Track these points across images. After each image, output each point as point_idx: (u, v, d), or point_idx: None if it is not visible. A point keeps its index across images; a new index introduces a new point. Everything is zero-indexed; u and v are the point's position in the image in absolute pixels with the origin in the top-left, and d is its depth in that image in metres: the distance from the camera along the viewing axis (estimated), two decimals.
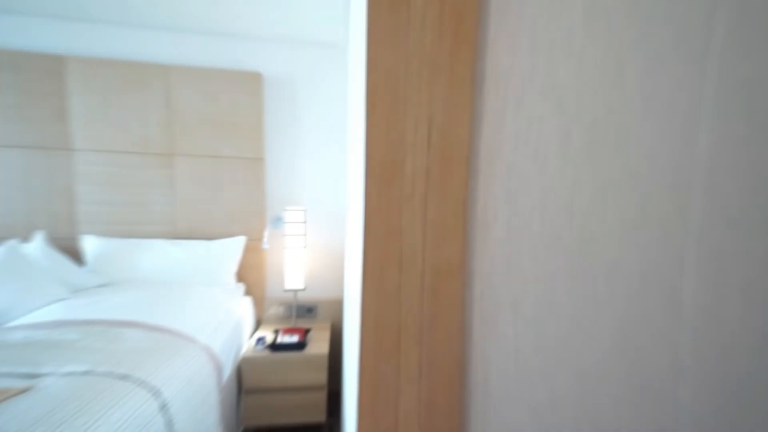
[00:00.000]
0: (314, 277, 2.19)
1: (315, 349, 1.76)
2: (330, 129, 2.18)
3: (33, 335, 1.27)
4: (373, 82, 0.30)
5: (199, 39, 2.01)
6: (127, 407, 0.97)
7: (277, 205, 2.17)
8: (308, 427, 1.91)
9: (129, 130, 1.91)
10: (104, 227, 1.91)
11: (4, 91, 1.79)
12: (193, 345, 1.37)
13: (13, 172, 1.83)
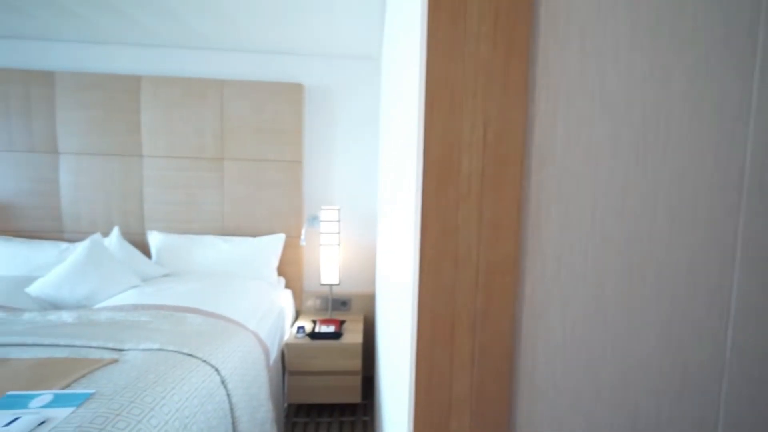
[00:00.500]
0: (348, 273, 2.34)
1: (350, 339, 1.91)
2: (362, 134, 2.31)
3: (115, 316, 1.50)
4: (431, 87, 0.31)
5: (249, 56, 2.21)
6: (195, 380, 1.15)
7: (314, 205, 2.34)
8: (344, 406, 2.08)
9: (187, 138, 2.14)
10: (166, 224, 2.16)
11: (91, 107, 2.08)
12: (244, 330, 1.55)
13: (96, 176, 2.12)
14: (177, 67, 2.19)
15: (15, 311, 1.54)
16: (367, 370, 2.33)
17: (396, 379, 0.59)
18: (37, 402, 0.94)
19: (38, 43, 2.13)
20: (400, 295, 0.53)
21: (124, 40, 2.12)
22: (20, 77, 2.06)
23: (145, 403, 0.98)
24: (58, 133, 2.09)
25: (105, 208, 2.13)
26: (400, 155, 0.59)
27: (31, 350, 1.21)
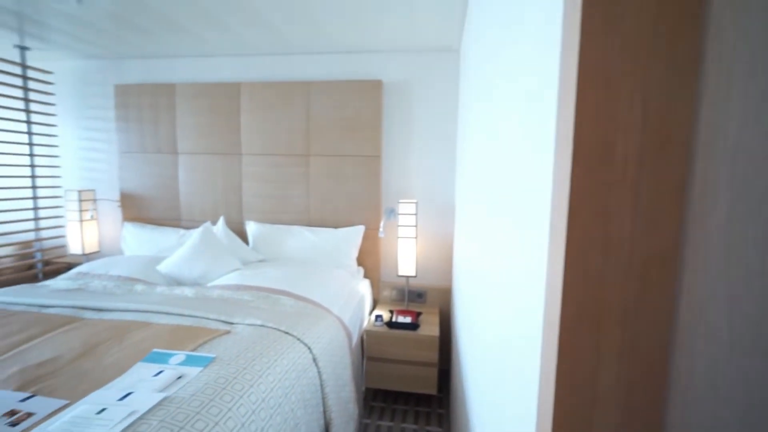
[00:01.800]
0: (424, 266, 2.36)
1: (427, 331, 1.93)
2: (440, 126, 2.30)
3: (224, 294, 1.73)
4: (584, 65, 0.29)
5: (332, 57, 2.35)
6: (292, 355, 1.28)
7: (391, 198, 2.39)
8: (420, 396, 2.12)
9: (278, 137, 2.35)
10: (261, 215, 2.41)
11: (200, 113, 2.40)
12: (329, 315, 1.67)
13: (204, 173, 2.44)
14: (270, 73, 2.41)
15: (150, 285, 1.86)
16: (443, 363, 2.34)
17: (508, 373, 0.59)
18: (174, 360, 1.14)
19: (163, 60, 2.51)
20: (520, 286, 0.52)
21: (227, 52, 2.39)
22: (150, 90, 2.45)
23: (254, 371, 1.12)
24: (177, 137, 2.45)
25: (212, 200, 2.45)
26: (514, 140, 0.58)
27: (165, 317, 1.46)
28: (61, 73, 2.61)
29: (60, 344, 1.23)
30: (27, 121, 2.35)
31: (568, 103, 0.31)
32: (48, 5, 1.78)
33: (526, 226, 0.48)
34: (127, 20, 1.93)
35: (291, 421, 1.12)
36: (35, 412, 0.91)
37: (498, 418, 0.66)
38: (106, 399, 0.95)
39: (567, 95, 0.32)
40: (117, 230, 2.63)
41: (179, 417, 0.88)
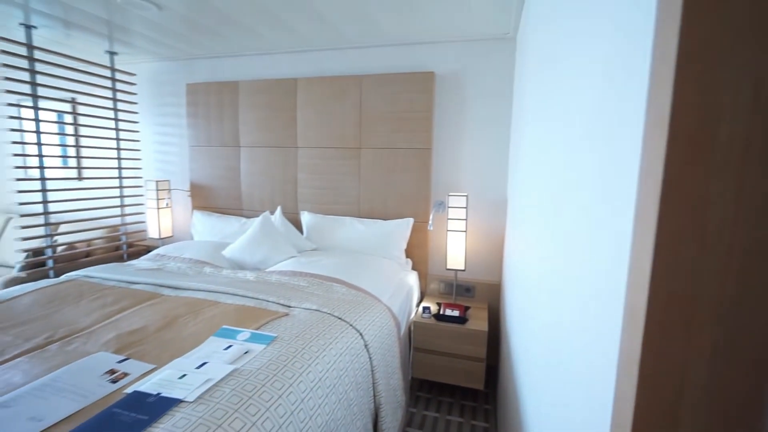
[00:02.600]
0: (473, 260, 2.33)
1: (475, 325, 1.91)
2: (492, 118, 2.23)
3: (281, 279, 1.84)
4: (686, 39, 0.27)
5: (384, 50, 2.36)
6: (345, 339, 1.34)
7: (441, 191, 2.38)
8: (466, 390, 2.11)
9: (331, 130, 2.43)
10: (314, 206, 2.51)
11: (260, 108, 2.54)
12: (379, 303, 1.71)
13: (263, 165, 2.60)
14: (324, 68, 2.49)
15: (217, 267, 2.03)
16: (491, 359, 2.30)
17: (575, 372, 0.57)
18: (241, 336, 1.24)
19: (228, 59, 2.68)
20: (592, 281, 0.51)
21: (285, 49, 2.50)
22: (217, 88, 2.64)
23: (312, 352, 1.19)
24: (240, 131, 2.62)
25: (270, 190, 2.60)
26: (588, 126, 0.55)
27: (231, 298, 1.59)
28: (142, 75, 2.90)
29: (146, 316, 1.40)
30: (115, 119, 2.65)
31: (664, 82, 0.29)
32: (133, 13, 1.97)
33: (602, 216, 0.47)
34: (199, 23, 2.09)
35: (345, 401, 1.17)
36: (130, 373, 1.05)
37: (560, 417, 0.65)
38: (185, 366, 1.06)
39: (663, 73, 0.30)
40: (187, 217, 2.89)
41: (248, 387, 0.97)
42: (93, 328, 1.32)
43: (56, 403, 0.91)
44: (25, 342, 1.22)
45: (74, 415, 0.88)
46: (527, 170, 1.24)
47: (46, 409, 0.89)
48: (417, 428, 1.82)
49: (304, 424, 0.98)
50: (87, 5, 1.89)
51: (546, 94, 0.95)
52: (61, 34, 2.31)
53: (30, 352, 1.16)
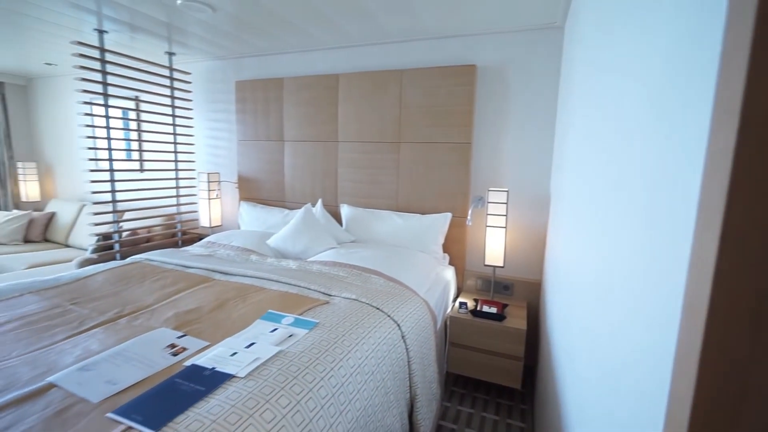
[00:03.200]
0: (512, 257, 2.28)
1: (514, 323, 1.88)
2: (536, 111, 2.15)
3: (322, 269, 1.90)
4: (761, 29, 0.26)
5: (424, 44, 2.35)
6: (383, 329, 1.37)
7: (480, 186, 2.34)
8: (501, 388, 2.08)
9: (371, 125, 2.46)
10: (353, 199, 2.57)
11: (302, 104, 2.63)
12: (416, 296, 1.73)
13: (305, 159, 2.69)
14: (366, 63, 2.52)
15: (262, 256, 2.14)
16: (529, 358, 2.25)
17: (623, 372, 0.56)
18: (285, 321, 1.31)
19: (274, 57, 2.79)
20: (643, 279, 0.49)
21: (328, 46, 2.56)
22: (263, 85, 2.76)
23: (351, 339, 1.23)
24: (284, 126, 2.73)
25: (311, 183, 2.69)
26: (643, 114, 0.53)
27: (275, 284, 1.68)
28: (196, 74, 3.09)
29: (200, 298, 1.52)
30: (172, 115, 2.85)
31: (737, 68, 0.28)
32: (190, 15, 2.11)
33: (659, 210, 0.45)
34: (248, 23, 2.20)
35: (382, 389, 1.21)
36: (187, 348, 1.14)
37: (606, 421, 0.63)
38: (236, 345, 1.14)
39: (735, 59, 0.28)
40: (235, 208, 3.06)
41: (292, 368, 1.03)
42: (155, 306, 1.46)
43: (127, 370, 1.02)
44: (99, 315, 1.37)
45: (142, 381, 0.98)
46: (575, 165, 1.20)
47: (119, 374, 1.00)
48: (451, 422, 1.82)
49: (343, 407, 1.02)
50: (150, 9, 2.04)
51: (598, 85, 0.91)
52: (127, 37, 2.51)
53: (104, 324, 1.30)
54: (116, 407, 0.87)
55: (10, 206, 3.95)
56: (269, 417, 0.86)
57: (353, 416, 1.04)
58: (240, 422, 0.82)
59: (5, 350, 1.12)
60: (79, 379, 0.97)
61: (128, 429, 0.80)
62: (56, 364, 1.04)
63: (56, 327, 1.27)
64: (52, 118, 4.00)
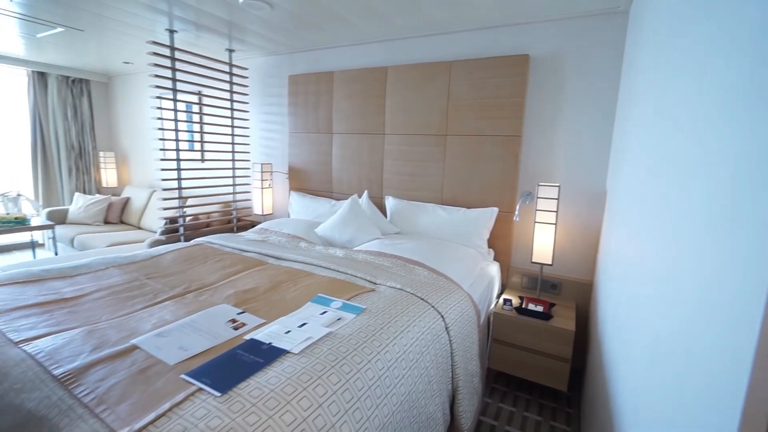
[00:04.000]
0: (562, 255, 2.19)
1: (561, 323, 1.81)
2: (594, 103, 2.03)
3: (367, 258, 1.96)
4: None
5: (474, 34, 2.30)
6: (427, 319, 1.39)
7: (529, 181, 2.26)
8: (545, 389, 2.03)
9: (418, 117, 2.46)
10: (398, 191, 2.60)
11: (351, 97, 2.69)
12: (460, 290, 1.72)
13: (353, 151, 2.75)
14: (414, 55, 2.51)
15: (311, 243, 2.24)
16: (576, 361, 2.16)
17: (692, 383, 0.54)
18: (334, 305, 1.37)
19: (325, 51, 2.87)
20: (721, 280, 0.47)
21: (377, 39, 2.59)
22: (314, 79, 2.85)
23: (397, 326, 1.27)
24: (333, 119, 2.80)
25: (357, 175, 2.75)
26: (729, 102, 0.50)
27: (324, 270, 1.75)
28: (252, 69, 3.26)
29: (256, 279, 1.63)
30: (231, 108, 3.04)
31: None
32: (249, 12, 2.23)
33: (743, 206, 0.42)
34: (303, 18, 2.28)
35: (425, 377, 1.23)
36: (246, 323, 1.24)
37: (666, 423, 0.61)
38: (290, 324, 1.22)
39: None
40: (285, 197, 3.22)
41: (341, 349, 1.08)
42: (217, 284, 1.59)
43: (196, 339, 1.13)
44: (170, 290, 1.52)
45: (208, 350, 1.08)
46: (639, 160, 1.13)
47: (189, 342, 1.11)
48: (491, 419, 1.81)
49: (389, 390, 1.06)
50: (214, 8, 2.18)
51: (669, 77, 0.85)
52: (193, 36, 2.70)
53: (174, 297, 1.45)
54: (188, 370, 0.97)
55: (93, 191, 4.45)
56: (321, 392, 0.91)
57: (398, 400, 1.07)
58: (295, 393, 0.89)
59: (96, 315, 1.28)
60: (157, 343, 1.09)
61: (199, 390, 0.89)
62: (137, 329, 1.18)
63: (135, 298, 1.43)
64: (128, 112, 4.42)
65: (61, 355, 1.02)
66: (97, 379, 0.93)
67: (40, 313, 1.27)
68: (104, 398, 0.87)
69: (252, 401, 0.85)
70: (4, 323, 1.18)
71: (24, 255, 3.97)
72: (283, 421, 0.81)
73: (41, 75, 4.00)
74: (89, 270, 1.70)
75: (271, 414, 0.82)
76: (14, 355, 1.03)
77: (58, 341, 1.09)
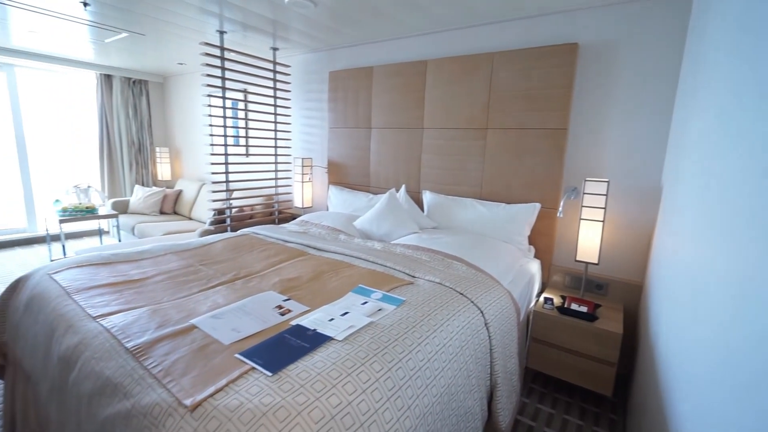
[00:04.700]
0: (609, 255, 2.08)
1: (608, 325, 1.74)
2: (649, 95, 1.90)
3: (405, 251, 1.98)
4: None
5: (518, 24, 2.23)
6: (466, 314, 1.39)
7: (575, 176, 2.17)
8: (586, 393, 1.96)
9: (458, 111, 2.43)
10: (436, 185, 2.58)
11: (390, 91, 2.70)
12: (499, 286, 1.70)
13: (391, 145, 2.77)
14: (455, 47, 2.48)
15: (349, 236, 2.29)
16: (623, 367, 2.06)
17: None
18: (375, 296, 1.41)
19: (365, 46, 2.90)
20: None
21: (417, 32, 2.58)
22: (354, 74, 2.89)
23: (437, 319, 1.28)
24: (372, 113, 2.83)
25: (395, 169, 2.77)
26: None
27: (363, 262, 1.79)
28: (294, 66, 3.36)
29: (299, 268, 1.70)
30: (274, 105, 3.16)
31: None
32: (293, 11, 2.30)
33: None
34: (344, 14, 2.31)
35: (465, 371, 1.24)
36: (292, 310, 1.31)
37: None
38: (332, 312, 1.27)
39: None
40: (323, 191, 3.31)
41: (383, 338, 1.11)
42: (263, 272, 1.68)
43: (247, 322, 1.20)
44: (221, 276, 1.62)
45: (258, 333, 1.15)
46: (704, 154, 1.05)
47: (241, 324, 1.19)
48: (529, 419, 1.78)
49: (429, 381, 1.08)
50: (260, 8, 2.27)
51: (740, 66, 0.78)
52: (240, 36, 2.83)
53: (225, 283, 1.55)
54: (241, 350, 1.04)
55: (150, 184, 4.81)
56: (365, 378, 0.95)
57: (437, 392, 1.09)
58: (340, 378, 0.93)
59: (158, 296, 1.41)
60: (212, 324, 1.18)
61: (252, 369, 0.96)
62: (195, 310, 1.28)
63: (191, 282, 1.55)
64: (181, 110, 4.73)
65: (132, 330, 1.13)
66: (163, 353, 1.02)
67: (111, 292, 1.41)
68: (170, 371, 0.96)
69: (300, 383, 0.90)
70: (84, 300, 1.33)
71: (92, 241, 4.38)
72: (330, 403, 0.85)
73: (107, 77, 4.36)
74: (151, 255, 1.85)
75: (318, 396, 0.86)
76: (93, 328, 1.16)
77: (128, 318, 1.21)
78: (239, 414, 0.80)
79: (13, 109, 3.97)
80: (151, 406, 0.86)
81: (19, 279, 1.61)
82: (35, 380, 1.28)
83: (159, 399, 0.87)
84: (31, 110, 4.11)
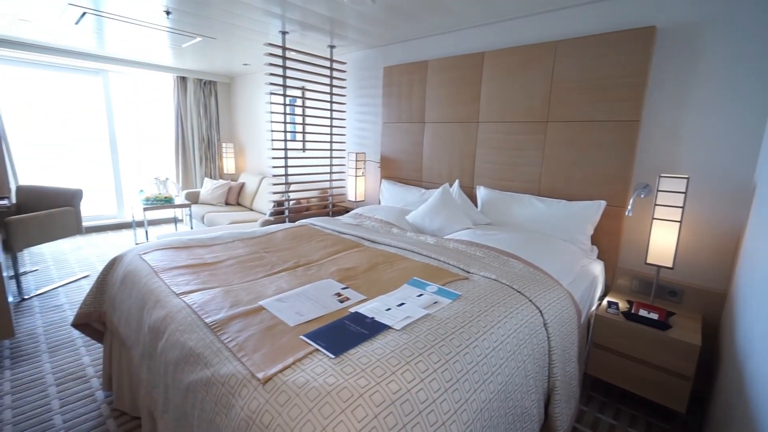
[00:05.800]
0: (685, 258, 1.90)
1: (683, 336, 1.59)
2: (739, 82, 1.69)
3: (459, 247, 1.96)
4: None
5: (585, 9, 2.08)
6: (524, 313, 1.35)
7: (647, 172, 1.99)
8: (655, 407, 1.81)
9: (516, 103, 2.34)
10: (490, 181, 2.52)
11: (445, 85, 2.67)
12: (559, 286, 1.62)
13: (444, 140, 2.74)
14: (514, 38, 2.38)
15: (402, 230, 2.32)
16: (699, 382, 1.88)
17: None
18: (430, 289, 1.42)
19: (419, 41, 2.89)
20: None
21: (473, 23, 2.51)
22: (408, 69, 2.89)
23: (494, 315, 1.26)
24: (426, 108, 2.82)
25: (448, 164, 2.74)
26: None
27: (416, 255, 1.81)
28: (349, 63, 3.44)
29: (355, 258, 1.76)
30: (330, 101, 3.27)
31: None
32: (351, 8, 2.35)
33: None
34: (401, 10, 2.32)
35: (522, 370, 1.21)
36: (350, 298, 1.36)
37: None
38: (389, 302, 1.30)
39: None
40: (376, 185, 3.37)
41: (440, 331, 1.12)
42: (322, 261, 1.76)
43: (309, 306, 1.28)
44: (284, 263, 1.73)
45: (320, 317, 1.21)
46: None
47: (303, 308, 1.26)
48: (588, 428, 1.69)
49: (486, 377, 1.07)
50: (319, 7, 2.35)
51: None
52: (299, 35, 2.96)
53: (287, 270, 1.65)
54: (305, 332, 1.11)
55: (217, 177, 5.22)
56: (423, 368, 0.97)
57: (494, 388, 1.07)
58: (399, 366, 0.95)
59: (229, 279, 1.53)
60: (278, 306, 1.27)
61: (316, 350, 1.02)
62: (262, 293, 1.38)
63: (257, 267, 1.67)
64: (245, 108, 5.06)
65: (209, 308, 1.25)
66: (236, 330, 1.12)
67: (190, 273, 1.57)
68: (243, 346, 1.05)
69: (361, 367, 0.94)
70: (168, 278, 1.49)
71: (168, 228, 4.86)
72: (389, 389, 0.88)
73: (182, 79, 4.79)
74: (221, 242, 2.02)
75: (379, 380, 0.90)
76: (177, 304, 1.30)
77: (206, 296, 1.33)
78: (306, 390, 0.86)
79: (107, 111, 4.52)
80: (228, 376, 0.95)
81: (115, 258, 1.84)
82: (129, 346, 1.47)
83: (235, 370, 0.96)
84: (120, 110, 4.64)
